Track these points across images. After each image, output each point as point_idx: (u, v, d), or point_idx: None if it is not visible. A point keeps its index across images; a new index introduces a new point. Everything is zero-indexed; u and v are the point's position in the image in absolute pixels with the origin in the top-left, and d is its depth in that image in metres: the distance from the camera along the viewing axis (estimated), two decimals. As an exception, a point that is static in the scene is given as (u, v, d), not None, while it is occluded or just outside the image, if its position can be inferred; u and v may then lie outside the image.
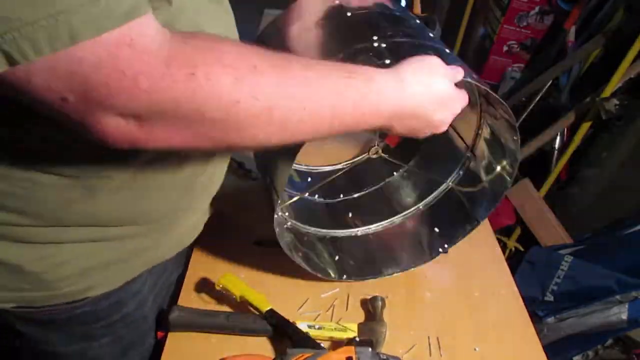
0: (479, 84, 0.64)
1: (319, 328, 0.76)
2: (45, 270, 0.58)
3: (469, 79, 0.62)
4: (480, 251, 0.96)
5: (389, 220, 0.95)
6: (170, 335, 0.76)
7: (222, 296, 0.80)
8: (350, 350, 0.64)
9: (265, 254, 0.91)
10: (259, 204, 1.02)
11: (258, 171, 0.90)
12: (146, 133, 0.41)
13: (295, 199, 0.88)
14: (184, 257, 0.88)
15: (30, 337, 0.67)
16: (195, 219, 0.73)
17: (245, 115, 0.43)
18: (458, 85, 0.61)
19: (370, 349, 0.65)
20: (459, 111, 0.62)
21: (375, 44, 0.62)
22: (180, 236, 0.72)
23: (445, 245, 0.89)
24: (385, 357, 0.65)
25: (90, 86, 0.36)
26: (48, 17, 0.33)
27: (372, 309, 0.81)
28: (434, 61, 0.59)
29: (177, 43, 0.40)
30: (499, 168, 0.84)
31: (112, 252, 0.62)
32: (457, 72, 0.61)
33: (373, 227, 0.95)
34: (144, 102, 0.38)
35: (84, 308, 0.65)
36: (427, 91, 0.57)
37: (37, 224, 0.54)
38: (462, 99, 0.62)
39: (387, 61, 0.59)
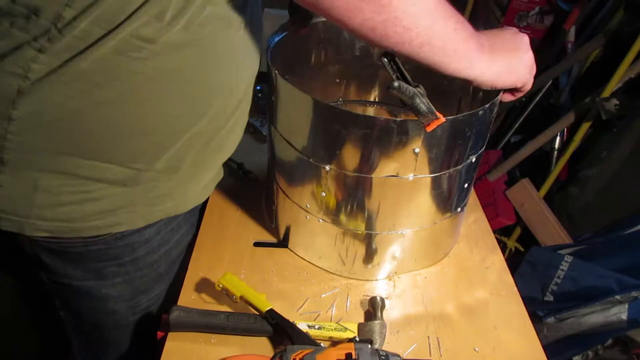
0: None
1: (319, 328, 0.76)
2: (82, 202, 0.64)
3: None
4: (480, 251, 0.96)
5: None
6: (170, 335, 0.76)
7: (222, 296, 0.80)
8: (349, 347, 0.64)
9: (265, 254, 0.91)
10: (259, 203, 1.02)
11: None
12: None
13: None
14: (197, 219, 0.93)
15: (52, 269, 0.74)
16: (209, 176, 0.79)
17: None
18: None
19: (369, 346, 0.65)
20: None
21: None
22: (195, 194, 0.78)
23: None
24: (384, 354, 0.64)
25: None
26: None
27: (372, 309, 0.81)
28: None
29: None
30: None
31: (139, 196, 0.68)
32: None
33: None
34: None
35: (98, 245, 0.71)
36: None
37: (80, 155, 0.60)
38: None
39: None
